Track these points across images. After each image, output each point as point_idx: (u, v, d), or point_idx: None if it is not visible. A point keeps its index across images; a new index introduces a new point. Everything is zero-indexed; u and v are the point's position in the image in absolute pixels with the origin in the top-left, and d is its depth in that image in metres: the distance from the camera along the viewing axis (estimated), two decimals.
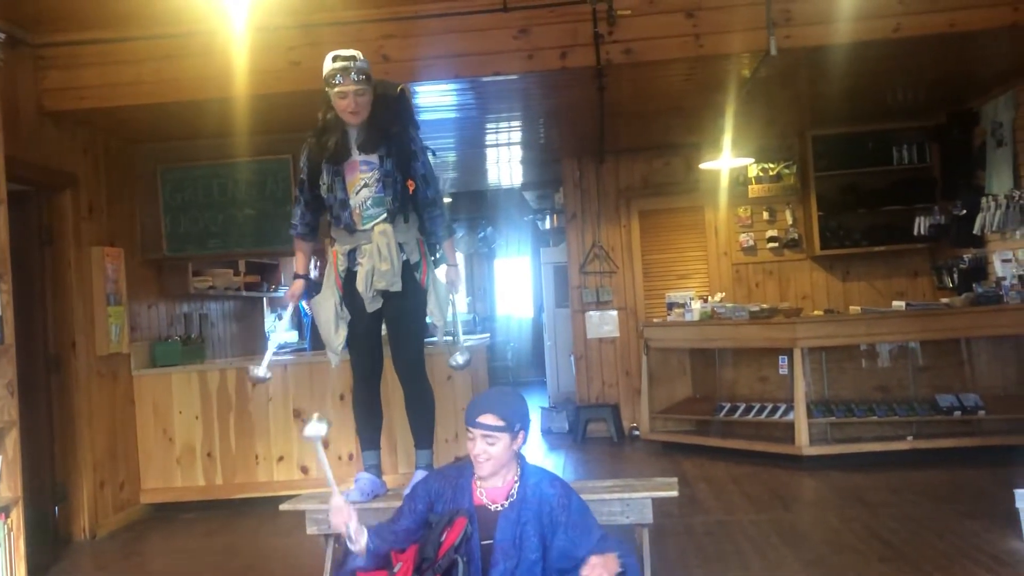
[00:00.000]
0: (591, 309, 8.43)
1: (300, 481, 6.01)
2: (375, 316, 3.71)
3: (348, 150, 3.61)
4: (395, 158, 3.60)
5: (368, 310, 3.66)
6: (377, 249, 3.58)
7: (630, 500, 3.47)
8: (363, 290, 3.62)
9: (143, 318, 6.49)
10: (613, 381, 8.39)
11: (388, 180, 3.59)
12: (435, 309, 3.71)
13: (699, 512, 5.16)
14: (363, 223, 3.63)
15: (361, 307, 3.66)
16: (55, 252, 5.64)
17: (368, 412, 3.87)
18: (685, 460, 6.82)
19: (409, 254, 3.68)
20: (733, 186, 8.24)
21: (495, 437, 2.82)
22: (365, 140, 3.60)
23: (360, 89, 3.50)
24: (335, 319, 3.71)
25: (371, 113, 3.59)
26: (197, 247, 6.59)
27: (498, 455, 2.84)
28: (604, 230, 8.46)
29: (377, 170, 3.60)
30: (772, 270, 8.35)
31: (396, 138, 3.61)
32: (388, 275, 3.59)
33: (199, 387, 6.27)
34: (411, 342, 3.75)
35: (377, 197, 3.61)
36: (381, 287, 3.61)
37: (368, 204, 3.62)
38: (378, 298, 3.65)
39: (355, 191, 3.62)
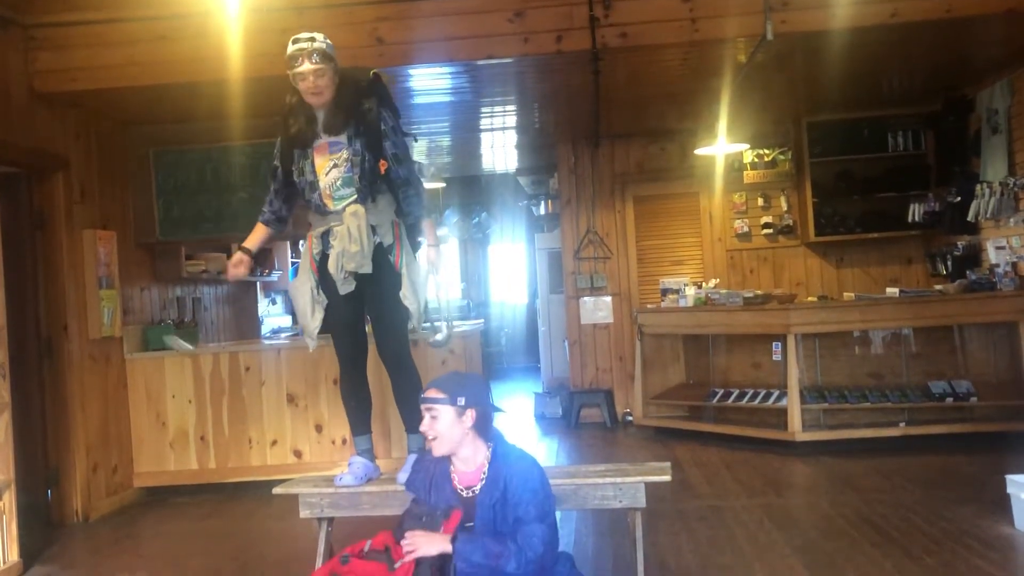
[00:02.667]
0: (585, 295, 8.43)
1: (293, 465, 6.02)
2: (353, 300, 3.68)
3: (315, 132, 3.61)
4: (364, 137, 3.58)
5: (340, 292, 3.65)
6: (347, 230, 3.57)
7: (623, 484, 3.47)
8: (334, 272, 3.61)
9: (136, 302, 6.47)
10: (607, 367, 8.41)
11: (357, 159, 3.57)
12: (408, 293, 3.65)
13: (692, 497, 5.18)
14: (334, 204, 3.62)
15: (336, 290, 3.66)
16: (47, 235, 5.61)
17: (356, 397, 3.87)
18: (678, 445, 6.84)
19: (382, 236, 3.64)
20: (728, 172, 8.24)
21: (436, 410, 2.89)
22: (331, 121, 3.59)
23: (319, 70, 3.48)
24: (311, 303, 3.70)
25: (337, 94, 3.58)
26: (190, 231, 6.56)
27: (444, 431, 2.89)
28: (599, 216, 8.45)
29: (346, 150, 3.59)
30: (766, 256, 8.36)
31: (365, 117, 3.59)
32: (357, 256, 3.56)
33: (192, 371, 6.26)
34: (391, 327, 3.71)
35: (346, 177, 3.59)
36: (351, 269, 3.59)
37: (338, 184, 3.60)
38: (350, 280, 3.63)
39: (324, 172, 3.61)
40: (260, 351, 6.37)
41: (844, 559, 3.86)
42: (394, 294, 3.65)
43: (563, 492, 3.57)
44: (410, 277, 3.67)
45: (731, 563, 3.92)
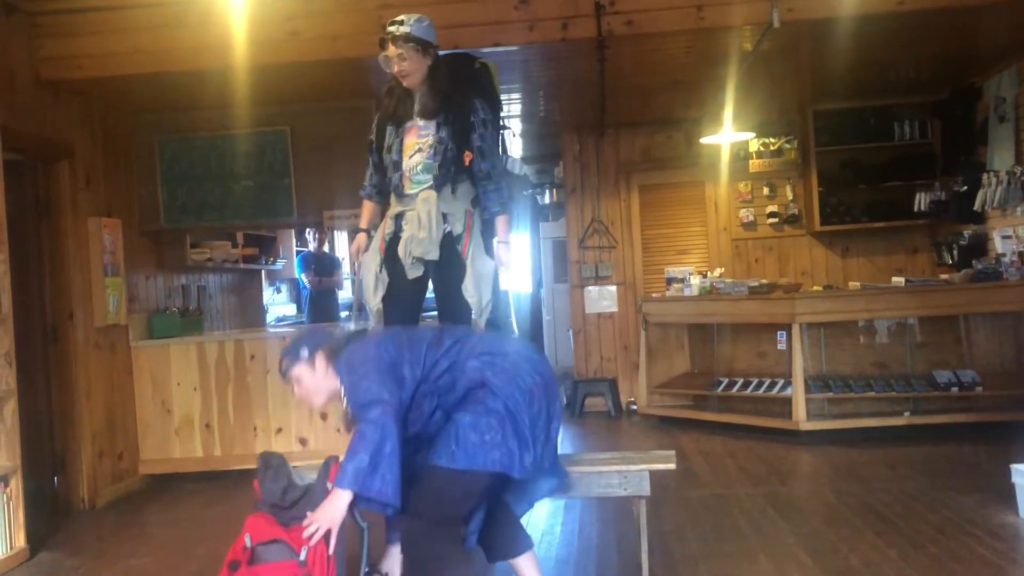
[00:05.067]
0: (590, 284, 8.43)
1: (299, 452, 6.03)
2: (416, 286, 3.67)
3: (410, 113, 3.62)
4: (452, 126, 3.57)
5: (408, 276, 3.63)
6: (418, 216, 3.56)
7: (628, 472, 3.47)
8: (402, 256, 3.61)
9: (141, 289, 6.48)
10: (611, 356, 8.40)
11: (440, 147, 3.56)
12: (471, 286, 3.59)
13: (696, 485, 5.19)
14: (411, 187, 3.62)
15: (402, 273, 3.64)
16: (52, 223, 5.61)
17: None
18: (682, 434, 6.84)
19: (453, 225, 3.61)
20: (734, 161, 8.21)
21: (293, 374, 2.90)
22: (425, 105, 3.59)
23: (402, 53, 3.50)
24: (375, 281, 3.68)
25: (434, 79, 3.58)
26: (195, 219, 6.57)
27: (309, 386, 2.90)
28: (604, 204, 8.44)
29: (432, 136, 3.59)
30: (772, 246, 8.34)
31: (457, 106, 3.58)
32: (424, 243, 3.55)
33: (197, 359, 6.27)
34: (453, 317, 3.66)
35: (427, 163, 3.59)
36: (417, 254, 3.58)
37: (418, 169, 3.60)
38: (417, 265, 3.61)
39: (409, 155, 3.62)
40: (265, 339, 6.38)
41: (848, 548, 3.86)
42: (458, 285, 3.61)
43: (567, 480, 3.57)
44: (475, 270, 3.61)
45: (735, 551, 3.93)
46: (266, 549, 2.61)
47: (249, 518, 2.71)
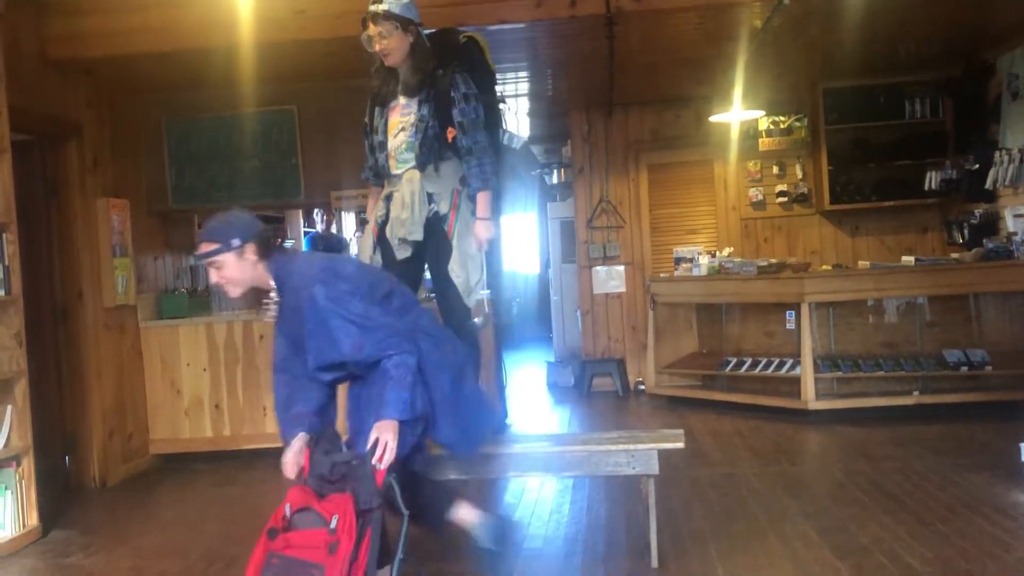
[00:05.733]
0: (598, 264, 8.41)
1: None
2: (411, 265, 3.66)
3: (393, 92, 3.62)
4: (434, 103, 3.55)
5: (397, 257, 3.64)
6: (402, 197, 3.56)
7: (636, 451, 3.48)
8: (389, 237, 3.61)
9: (149, 270, 6.49)
10: (619, 336, 8.40)
11: (421, 125, 3.55)
12: (456, 266, 3.58)
13: (704, 465, 5.19)
14: (397, 167, 3.61)
15: (392, 254, 3.65)
16: (60, 203, 5.62)
17: None
18: (691, 414, 6.84)
19: (439, 204, 3.60)
20: (743, 139, 8.15)
21: (218, 260, 2.85)
22: (408, 83, 3.59)
23: (382, 31, 3.49)
24: (369, 263, 3.69)
25: (416, 57, 3.56)
26: (203, 199, 6.57)
27: (233, 275, 2.87)
28: (612, 184, 8.40)
29: (414, 114, 3.57)
30: (781, 225, 8.30)
31: (437, 82, 3.56)
32: (407, 224, 3.55)
33: (206, 339, 6.28)
34: (447, 296, 3.67)
35: (410, 142, 3.58)
36: (401, 235, 3.58)
37: (403, 148, 3.60)
38: (404, 247, 3.61)
39: (393, 134, 3.61)
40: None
41: (857, 526, 3.86)
42: (445, 265, 3.60)
43: (576, 458, 3.59)
44: (461, 249, 3.59)
45: (744, 530, 3.93)
46: (301, 517, 2.67)
47: (291, 489, 2.77)
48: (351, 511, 2.62)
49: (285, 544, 2.62)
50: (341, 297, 2.81)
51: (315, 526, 2.62)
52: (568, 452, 3.64)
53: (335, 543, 2.56)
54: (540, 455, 3.68)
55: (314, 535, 2.61)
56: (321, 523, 2.62)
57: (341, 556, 2.56)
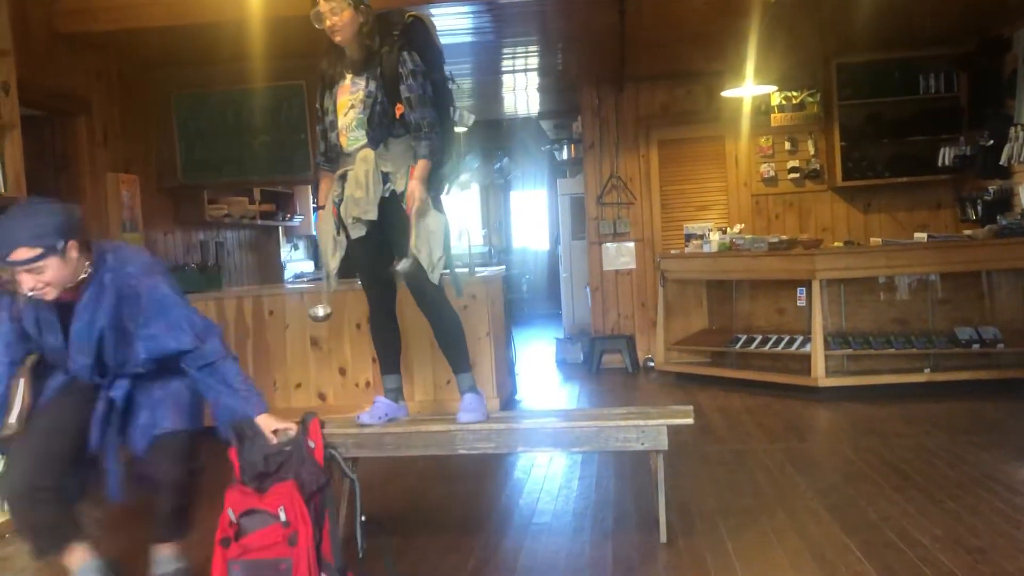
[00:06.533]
0: (608, 241, 8.38)
1: (317, 408, 6.06)
2: (371, 244, 3.65)
3: (342, 72, 3.60)
4: (382, 80, 3.53)
5: (351, 237, 3.64)
6: (355, 176, 3.55)
7: (645, 427, 3.47)
8: (344, 217, 3.61)
9: (160, 245, 6.50)
10: (629, 313, 8.39)
11: (369, 101, 3.53)
12: (418, 243, 3.53)
13: (713, 441, 5.19)
14: (349, 145, 3.59)
15: None
16: (70, 178, 5.63)
17: (383, 337, 3.88)
18: (700, 391, 6.84)
19: (395, 182, 3.58)
20: (755, 115, 8.09)
21: (38, 267, 2.60)
22: (354, 61, 3.57)
23: (334, 7, 3.46)
24: (332, 244, 3.69)
25: (363, 34, 3.54)
26: (212, 174, 6.58)
27: (55, 277, 2.65)
28: (622, 160, 8.36)
29: (362, 91, 3.55)
30: (792, 201, 8.25)
31: (384, 59, 3.54)
32: (362, 203, 3.53)
33: (216, 315, 6.28)
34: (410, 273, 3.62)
35: (359, 119, 3.56)
36: (355, 215, 3.57)
37: (353, 126, 3.57)
38: (359, 225, 3.60)
39: (343, 113, 3.59)
40: (284, 295, 6.40)
41: (866, 503, 3.85)
42: (404, 242, 3.56)
43: (585, 434, 3.59)
44: (420, 226, 3.54)
45: (753, 506, 3.93)
46: (248, 520, 2.65)
47: (227, 492, 2.72)
48: (297, 497, 2.62)
49: (242, 550, 2.60)
50: (178, 289, 2.88)
51: (266, 524, 2.62)
52: (577, 428, 3.64)
53: (293, 533, 2.57)
54: (549, 430, 3.69)
55: (268, 533, 2.60)
56: (271, 519, 2.61)
57: (303, 543, 2.57)
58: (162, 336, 2.84)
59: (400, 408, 3.85)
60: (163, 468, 2.85)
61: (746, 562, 3.24)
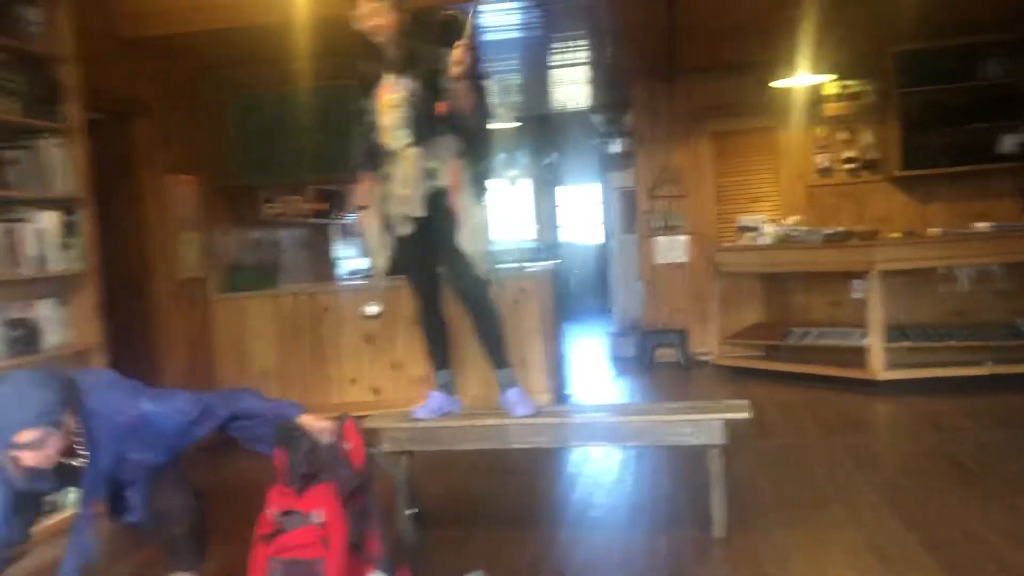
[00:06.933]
0: (659, 234, 8.33)
1: (372, 402, 6.15)
2: (417, 241, 3.69)
3: (381, 72, 3.64)
4: (423, 78, 3.56)
5: (398, 234, 3.68)
6: (400, 173, 3.59)
7: (701, 422, 3.46)
8: (391, 215, 3.65)
9: (217, 244, 6.63)
10: (681, 306, 8.32)
11: (411, 100, 3.56)
12: (465, 239, 3.60)
13: (769, 436, 5.14)
14: (393, 145, 3.63)
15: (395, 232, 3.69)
16: (131, 180, 5.77)
17: (433, 333, 3.93)
18: (755, 385, 6.76)
19: (440, 179, 3.62)
20: (809, 105, 7.94)
21: (46, 445, 2.53)
22: (395, 60, 3.60)
23: (375, 8, 3.50)
24: (379, 242, 3.74)
25: (402, 34, 3.58)
26: (267, 174, 6.68)
27: (59, 448, 2.58)
28: (674, 153, 8.29)
29: (404, 90, 3.59)
30: (848, 192, 8.09)
31: (425, 57, 3.56)
32: (408, 200, 3.59)
33: (273, 312, 6.42)
34: (459, 268, 3.69)
35: (402, 118, 3.59)
36: (402, 212, 3.61)
37: (396, 125, 3.60)
38: (406, 223, 3.64)
39: (385, 112, 3.62)
40: (338, 292, 6.49)
41: (927, 498, 3.79)
42: (451, 239, 3.62)
43: (640, 428, 3.59)
44: (467, 221, 3.61)
45: (810, 501, 3.89)
46: (287, 520, 2.70)
47: (270, 492, 2.77)
48: (333, 499, 2.66)
49: (280, 548, 2.66)
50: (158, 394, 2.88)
51: (302, 525, 2.66)
52: (632, 422, 3.64)
53: (326, 536, 2.61)
54: (603, 425, 3.69)
55: (304, 533, 2.65)
56: (307, 520, 2.66)
57: (337, 546, 2.61)
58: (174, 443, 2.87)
59: (454, 402, 3.89)
60: (160, 502, 2.89)
61: (803, 557, 3.21)
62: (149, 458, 2.82)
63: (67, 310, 4.64)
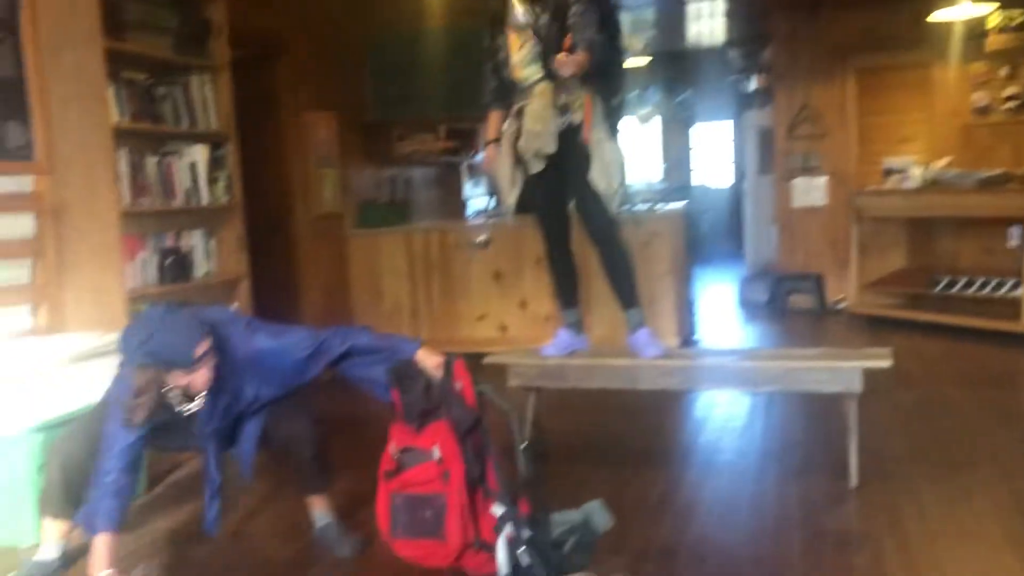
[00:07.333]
0: (797, 175, 8.01)
1: (499, 338, 6.23)
2: (549, 178, 3.66)
3: (514, 8, 3.60)
4: (551, 12, 3.51)
5: (531, 171, 3.65)
6: (533, 109, 3.55)
7: (838, 369, 3.34)
8: (523, 151, 3.62)
9: (353, 180, 6.79)
10: (818, 251, 8.02)
11: (543, 34, 3.52)
12: (598, 174, 3.55)
13: (909, 387, 4.92)
14: (524, 81, 3.60)
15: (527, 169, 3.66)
16: (272, 117, 5.95)
17: (561, 272, 3.93)
18: (894, 335, 6.47)
19: (572, 114, 3.57)
20: (968, 39, 7.40)
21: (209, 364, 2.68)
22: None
23: None
24: (509, 179, 3.73)
25: None
26: (400, 111, 6.77)
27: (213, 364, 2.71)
28: (816, 90, 7.90)
29: (534, 26, 3.54)
30: (1007, 133, 7.52)
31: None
32: (542, 136, 3.54)
33: (405, 248, 6.55)
34: (590, 205, 3.65)
35: (534, 53, 3.55)
36: (535, 148, 3.58)
37: (528, 60, 3.57)
38: (538, 160, 3.61)
39: (517, 48, 3.59)
40: (467, 230, 6.56)
41: None
42: (584, 175, 3.58)
43: (774, 374, 3.50)
44: (600, 157, 3.56)
45: (951, 455, 3.72)
46: (407, 456, 2.75)
47: (391, 428, 2.83)
48: (450, 436, 2.69)
49: (402, 484, 2.72)
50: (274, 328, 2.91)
51: (422, 461, 2.70)
52: (765, 367, 3.55)
53: (446, 472, 2.65)
54: (735, 369, 3.62)
55: (424, 469, 2.69)
56: (426, 457, 2.70)
57: (456, 481, 2.64)
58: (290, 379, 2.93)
59: (581, 341, 3.89)
60: (285, 427, 2.97)
61: (944, 511, 3.09)
62: (266, 393, 2.92)
63: (214, 242, 4.88)
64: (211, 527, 2.92)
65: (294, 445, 2.95)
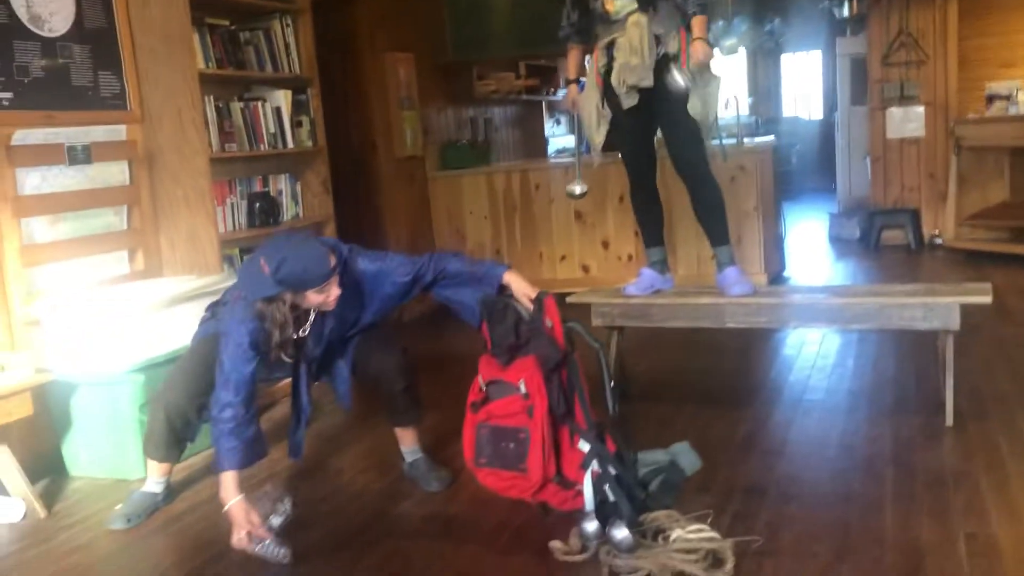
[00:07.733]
0: (893, 105, 7.66)
1: (581, 279, 6.21)
2: (640, 114, 3.58)
3: None
4: None
5: (624, 106, 3.56)
6: (628, 42, 3.44)
7: (935, 305, 3.22)
8: (616, 85, 3.53)
9: (433, 122, 6.79)
10: (914, 184, 7.70)
11: None
12: (696, 104, 3.47)
13: (1010, 324, 4.73)
14: (616, 13, 3.49)
15: (621, 104, 3.57)
16: (353, 60, 5.97)
17: (647, 211, 3.87)
18: (995, 270, 6.20)
19: (667, 46, 3.47)
20: None
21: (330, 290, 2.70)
22: None
23: None
24: (596, 117, 3.66)
25: None
26: (480, 51, 6.71)
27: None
28: (913, 14, 7.50)
29: None
30: None
31: None
32: (639, 69, 3.44)
33: (486, 189, 6.55)
34: (684, 140, 3.58)
35: None
36: (632, 82, 3.48)
37: None
38: (633, 94, 3.52)
39: None
40: (549, 169, 6.51)
41: None
42: (682, 106, 3.50)
43: (865, 310, 3.40)
44: (697, 88, 3.48)
45: None
46: (494, 388, 2.80)
47: (480, 361, 2.87)
48: (536, 372, 2.71)
49: (488, 415, 2.76)
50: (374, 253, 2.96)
51: (508, 394, 2.74)
52: (856, 303, 3.45)
53: (531, 406, 2.68)
54: (825, 306, 3.53)
55: (510, 402, 2.73)
56: (512, 390, 2.74)
57: (540, 416, 2.67)
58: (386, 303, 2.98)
59: (666, 280, 3.84)
60: (376, 359, 2.99)
61: None
62: (366, 318, 2.97)
63: (300, 184, 4.96)
64: (297, 453, 3.01)
65: (385, 376, 2.99)
